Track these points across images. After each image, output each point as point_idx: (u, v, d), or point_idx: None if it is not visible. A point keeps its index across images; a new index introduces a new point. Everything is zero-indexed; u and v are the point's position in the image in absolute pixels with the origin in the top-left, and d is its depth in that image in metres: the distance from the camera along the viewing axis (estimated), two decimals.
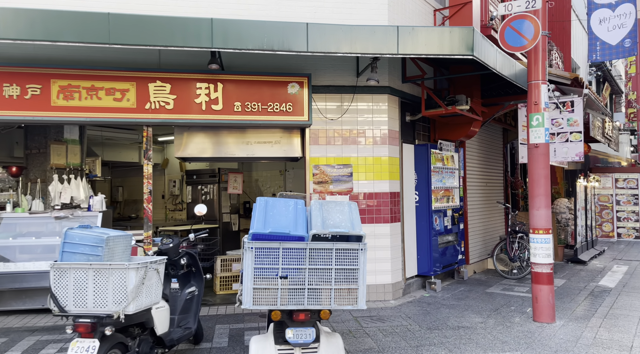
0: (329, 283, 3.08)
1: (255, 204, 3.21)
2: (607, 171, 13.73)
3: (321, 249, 3.06)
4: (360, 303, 3.12)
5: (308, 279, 3.05)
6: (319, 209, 3.21)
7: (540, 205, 5.24)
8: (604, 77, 21.19)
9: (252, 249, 3.00)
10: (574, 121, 7.02)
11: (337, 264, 3.09)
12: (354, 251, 3.10)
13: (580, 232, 9.69)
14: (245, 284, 2.99)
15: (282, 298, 3.03)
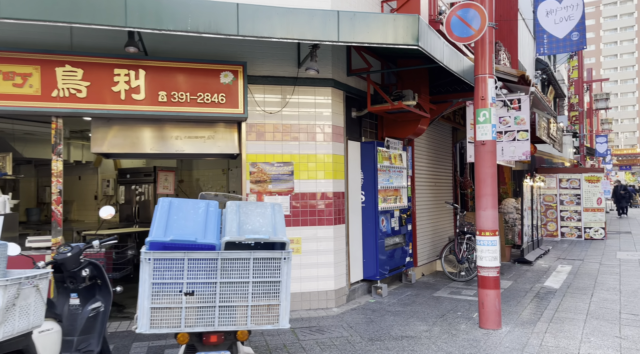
0: (245, 299, 2.61)
1: (156, 205, 2.68)
2: (552, 172, 14.04)
3: (236, 259, 2.59)
4: (282, 321, 2.67)
5: (220, 295, 2.56)
6: (235, 212, 2.73)
7: (487, 205, 4.99)
8: (548, 81, 21.91)
9: (150, 261, 2.48)
10: (520, 119, 6.91)
11: (256, 276, 2.62)
12: (276, 261, 2.65)
13: (527, 232, 9.72)
14: (141, 304, 2.46)
15: (187, 319, 2.53)
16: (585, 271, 8.26)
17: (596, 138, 23.09)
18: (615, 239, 13.31)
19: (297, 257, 5.67)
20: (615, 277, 7.66)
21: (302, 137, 5.75)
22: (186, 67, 5.13)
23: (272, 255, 2.62)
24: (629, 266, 8.67)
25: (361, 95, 6.47)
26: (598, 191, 13.54)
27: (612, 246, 11.75)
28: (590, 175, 13.62)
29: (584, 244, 12.29)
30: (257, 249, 2.77)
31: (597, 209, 13.43)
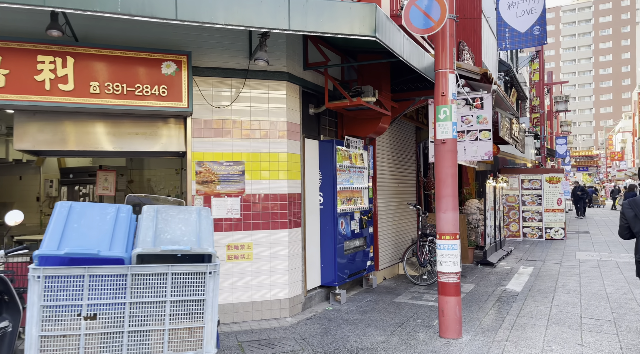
0: (162, 322, 2.20)
1: (53, 211, 2.24)
2: (514, 172, 14.14)
3: (151, 274, 2.18)
4: (206, 346, 2.27)
5: (130, 318, 2.14)
6: (152, 219, 2.32)
7: (448, 207, 4.74)
8: (511, 83, 22.26)
9: (39, 279, 2.04)
10: (483, 118, 6.73)
11: (175, 294, 2.21)
12: (199, 276, 2.25)
13: (490, 234, 9.63)
14: (28, 332, 2.02)
15: (88, 348, 2.10)
16: (546, 272, 8.21)
17: (556, 140, 23.66)
18: (574, 239, 13.51)
19: (248, 264, 5.27)
20: (576, 278, 7.62)
21: (254, 134, 5.35)
22: (123, 55, 4.64)
23: (194, 269, 2.23)
24: (588, 267, 8.69)
25: (319, 91, 6.13)
26: (558, 191, 13.71)
27: (572, 246, 11.88)
28: (551, 176, 13.79)
29: (545, 244, 12.39)
30: (181, 261, 2.37)
31: (557, 210, 13.60)
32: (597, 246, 11.84)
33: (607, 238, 13.54)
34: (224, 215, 5.20)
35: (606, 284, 7.15)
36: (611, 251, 10.83)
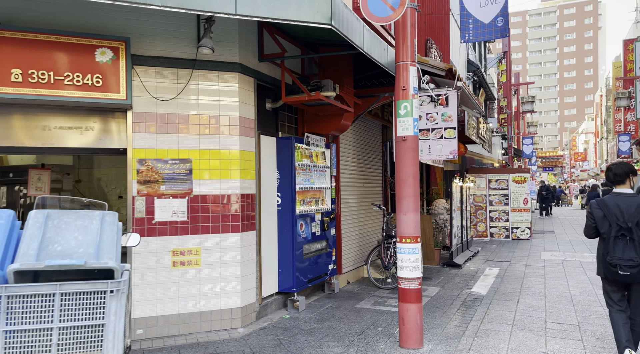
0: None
1: None
2: (482, 172, 14.13)
3: (33, 295, 1.76)
4: None
5: (4, 350, 1.73)
6: (40, 226, 1.91)
7: (409, 208, 4.45)
8: (479, 83, 22.45)
9: None
10: (448, 115, 6.52)
11: (65, 319, 1.81)
12: (98, 296, 1.85)
13: (456, 234, 9.48)
14: None
15: None
16: (511, 274, 8.09)
17: (523, 140, 24.02)
18: (540, 238, 13.59)
19: (196, 271, 4.85)
20: (541, 280, 7.51)
21: (203, 130, 4.94)
22: (50, 40, 4.15)
23: (91, 287, 1.83)
24: (553, 267, 8.63)
25: (277, 84, 5.76)
26: (525, 191, 13.77)
27: (537, 246, 11.91)
28: (518, 176, 13.84)
29: (512, 244, 12.39)
30: (87, 277, 1.96)
31: (524, 210, 13.66)
32: (561, 245, 11.90)
33: (571, 238, 13.68)
34: (169, 218, 4.77)
35: (570, 285, 7.05)
36: (575, 251, 10.88)
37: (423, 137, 6.69)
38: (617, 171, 3.82)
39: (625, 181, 3.79)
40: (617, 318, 3.75)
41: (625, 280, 3.66)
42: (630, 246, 3.58)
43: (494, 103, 27.34)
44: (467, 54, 20.33)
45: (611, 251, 3.65)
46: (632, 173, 3.83)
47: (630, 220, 3.59)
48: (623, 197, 3.70)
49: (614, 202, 3.70)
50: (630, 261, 3.55)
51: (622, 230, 3.60)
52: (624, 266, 3.58)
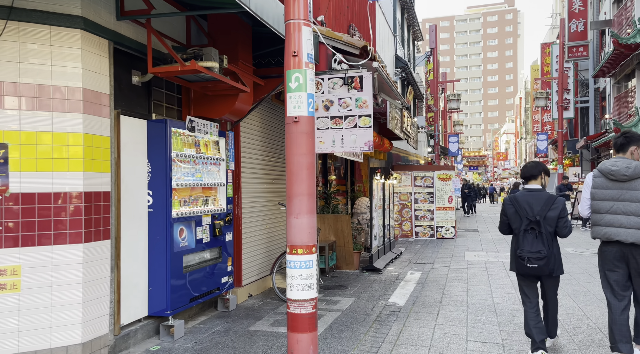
0: None
1: None
2: (407, 169, 13.64)
3: None
4: None
5: None
6: None
7: (301, 210, 3.45)
8: (408, 81, 22.26)
9: None
10: (363, 101, 5.63)
11: None
12: None
13: (377, 235, 8.71)
14: None
15: None
16: (433, 278, 7.42)
17: (449, 138, 24.26)
18: (464, 237, 13.33)
19: (13, 298, 3.53)
20: (463, 285, 6.89)
21: (27, 104, 3.62)
22: None
23: None
24: (476, 270, 8.11)
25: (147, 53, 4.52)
26: (449, 189, 13.46)
27: (461, 245, 11.54)
28: (442, 173, 13.49)
29: (436, 244, 11.95)
30: None
31: (448, 208, 13.33)
32: (485, 244, 11.62)
33: (494, 236, 13.56)
34: None
35: (493, 291, 6.47)
36: (498, 250, 10.58)
37: (335, 125, 5.76)
38: (530, 168, 3.96)
39: (537, 178, 3.91)
40: (531, 317, 3.84)
41: (534, 273, 3.76)
42: (538, 239, 3.68)
43: (423, 102, 27.53)
44: (395, 50, 19.99)
45: (521, 245, 3.76)
46: (544, 172, 3.95)
47: (539, 214, 3.71)
48: (533, 193, 3.84)
49: (525, 198, 3.83)
50: (538, 253, 3.65)
51: (532, 224, 3.71)
52: (532, 258, 3.67)
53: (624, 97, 17.41)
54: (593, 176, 3.72)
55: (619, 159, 3.59)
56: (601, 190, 3.62)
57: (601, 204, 3.62)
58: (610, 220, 3.56)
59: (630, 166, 3.48)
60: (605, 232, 3.58)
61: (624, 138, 3.67)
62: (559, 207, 3.72)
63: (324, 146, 5.80)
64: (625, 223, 3.48)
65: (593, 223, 3.70)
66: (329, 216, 8.12)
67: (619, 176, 3.51)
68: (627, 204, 3.49)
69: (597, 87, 22.14)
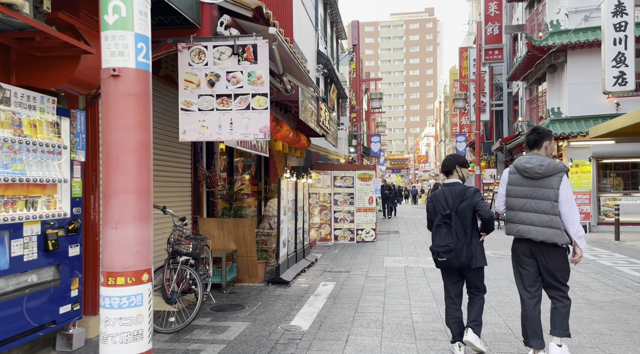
0: None
1: None
2: (327, 168, 12.71)
3: None
4: None
5: None
6: None
7: (124, 216, 2.22)
8: (331, 79, 21.52)
9: None
10: (257, 76, 4.48)
11: None
12: None
13: (287, 241, 7.60)
14: None
15: None
16: (348, 290, 6.46)
17: (371, 138, 23.92)
18: (384, 240, 12.67)
19: None
20: (380, 298, 5.98)
21: None
22: None
23: None
24: (395, 278, 7.28)
25: None
26: (370, 189, 12.73)
27: (381, 249, 10.80)
28: (363, 173, 12.74)
29: (356, 248, 11.11)
30: None
31: (369, 209, 12.60)
32: (405, 248, 10.98)
33: (414, 238, 13.06)
34: None
35: (413, 306, 5.61)
36: (418, 254, 9.94)
37: (223, 106, 4.55)
38: (446, 162, 3.95)
39: (453, 172, 3.89)
40: (450, 312, 3.88)
41: (445, 266, 3.77)
42: (448, 232, 3.67)
43: (346, 102, 27.05)
44: (317, 45, 19.14)
45: (433, 239, 3.80)
46: (460, 164, 3.91)
47: (451, 207, 3.70)
48: (450, 187, 3.82)
49: (442, 193, 3.81)
50: (446, 246, 3.65)
51: (444, 218, 3.71)
52: (441, 252, 3.68)
53: (535, 100, 17.94)
54: (509, 172, 3.68)
55: (534, 155, 3.57)
56: (515, 187, 3.59)
57: (515, 201, 3.60)
58: (522, 217, 3.55)
59: (543, 164, 3.45)
60: (518, 229, 3.58)
61: (536, 135, 3.65)
62: (469, 197, 3.71)
63: (207, 131, 4.57)
64: (536, 221, 3.47)
65: (507, 220, 3.70)
66: (229, 221, 6.87)
67: (532, 173, 3.48)
68: (539, 202, 3.47)
69: (510, 91, 22.92)
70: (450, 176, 3.91)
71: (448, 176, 3.92)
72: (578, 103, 14.60)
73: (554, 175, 3.42)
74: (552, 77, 15.69)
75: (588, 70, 14.49)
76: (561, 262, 3.50)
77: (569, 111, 14.78)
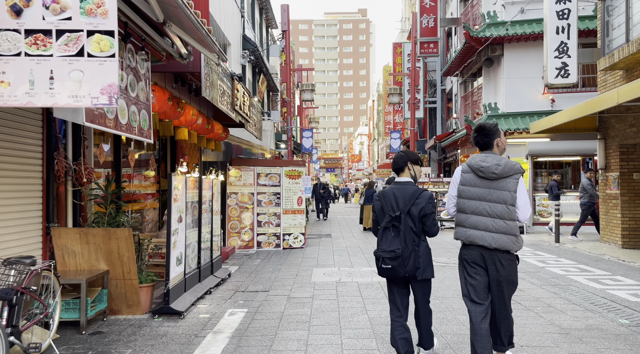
0: None
1: None
2: (249, 164, 11.00)
3: None
4: None
5: None
6: None
7: None
8: (259, 69, 19.76)
9: None
10: (96, 2, 2.75)
11: None
12: None
13: (184, 257, 5.82)
14: None
15: None
16: (261, 323, 4.84)
17: (303, 132, 22.47)
18: (315, 246, 11.19)
19: None
20: (302, 334, 4.43)
21: None
22: None
23: None
24: (324, 300, 5.79)
25: None
26: (299, 188, 11.20)
27: (311, 257, 9.30)
28: (291, 169, 11.17)
29: (281, 256, 9.52)
30: None
31: (298, 211, 11.06)
32: (337, 255, 9.56)
33: (347, 243, 11.72)
34: None
35: (345, 346, 4.12)
36: (352, 263, 8.55)
37: (38, 49, 2.75)
38: (397, 159, 3.63)
39: (404, 169, 3.59)
40: (396, 327, 3.45)
41: (389, 275, 3.38)
42: (396, 237, 3.34)
43: (277, 95, 25.41)
44: (242, 29, 17.31)
45: (379, 243, 3.43)
46: (412, 161, 3.61)
47: (402, 209, 3.38)
48: (400, 187, 3.49)
49: (392, 192, 3.48)
50: (392, 252, 3.29)
51: (392, 220, 3.38)
52: (386, 258, 3.31)
53: (470, 96, 17.41)
54: (462, 171, 3.36)
55: (489, 154, 3.30)
56: (468, 187, 3.29)
57: (467, 203, 3.30)
58: (474, 222, 3.25)
59: (500, 163, 3.20)
60: (470, 235, 3.26)
61: (484, 136, 3.33)
62: (422, 203, 3.38)
63: (7, 91, 2.76)
64: (491, 226, 3.19)
65: (457, 223, 3.38)
66: (96, 232, 4.98)
67: (488, 174, 3.21)
68: (494, 206, 3.20)
69: (444, 88, 22.50)
70: (401, 174, 3.58)
71: (399, 174, 3.59)
72: (514, 99, 14.08)
73: (510, 176, 3.18)
74: (488, 71, 15.12)
75: (524, 65, 14.01)
76: (512, 273, 3.25)
77: (506, 106, 14.24)
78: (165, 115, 6.57)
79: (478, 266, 3.26)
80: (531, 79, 13.93)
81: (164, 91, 6.14)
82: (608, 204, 10.31)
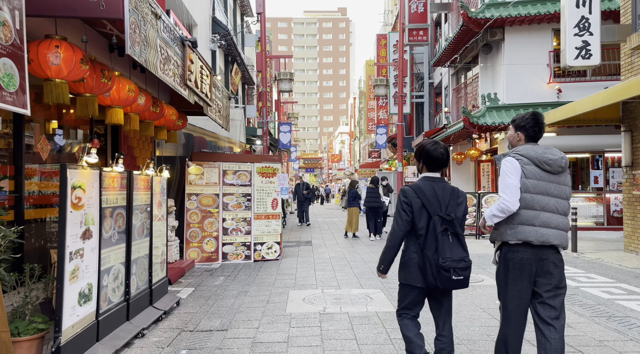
0: None
1: None
2: (213, 159, 9.16)
3: None
4: None
5: None
6: None
7: None
8: (233, 57, 17.88)
9: None
10: None
11: None
12: None
13: (100, 288, 3.97)
14: None
15: None
16: None
17: (280, 127, 20.67)
18: (292, 257, 9.42)
19: None
20: None
21: None
22: None
23: None
24: (303, 347, 4.02)
25: None
26: (274, 189, 9.42)
27: (287, 274, 7.52)
28: (265, 166, 9.38)
29: (251, 272, 7.71)
30: None
31: (272, 216, 9.29)
32: (320, 271, 7.82)
33: (332, 253, 9.99)
34: None
35: None
36: (339, 283, 6.81)
37: None
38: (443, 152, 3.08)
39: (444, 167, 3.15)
40: (411, 325, 3.01)
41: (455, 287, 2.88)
42: (456, 243, 2.90)
43: (254, 88, 23.56)
44: (212, 11, 15.43)
45: (441, 251, 2.85)
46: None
47: (450, 209, 2.94)
48: (436, 183, 3.01)
49: (432, 188, 2.96)
50: (462, 261, 2.86)
51: (444, 222, 2.90)
52: (458, 269, 2.84)
53: (463, 88, 15.93)
54: (520, 162, 2.82)
55: (537, 146, 2.90)
56: (536, 181, 2.82)
57: (537, 198, 2.83)
58: (546, 219, 2.81)
59: (564, 157, 2.89)
60: (543, 233, 2.80)
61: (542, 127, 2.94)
62: (464, 202, 3.01)
63: None
64: (562, 224, 2.85)
65: (520, 222, 2.81)
66: None
67: (556, 167, 2.83)
68: (560, 201, 2.86)
69: (432, 82, 21.05)
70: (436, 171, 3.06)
71: (435, 171, 3.06)
72: (516, 89, 12.62)
73: (567, 170, 2.91)
74: (485, 59, 13.64)
75: (528, 50, 12.57)
76: (563, 273, 2.88)
77: (507, 97, 12.76)
78: (82, 86, 4.71)
79: (529, 268, 2.82)
80: (535, 66, 12.49)
81: (75, 49, 4.28)
82: (635, 207, 8.88)
